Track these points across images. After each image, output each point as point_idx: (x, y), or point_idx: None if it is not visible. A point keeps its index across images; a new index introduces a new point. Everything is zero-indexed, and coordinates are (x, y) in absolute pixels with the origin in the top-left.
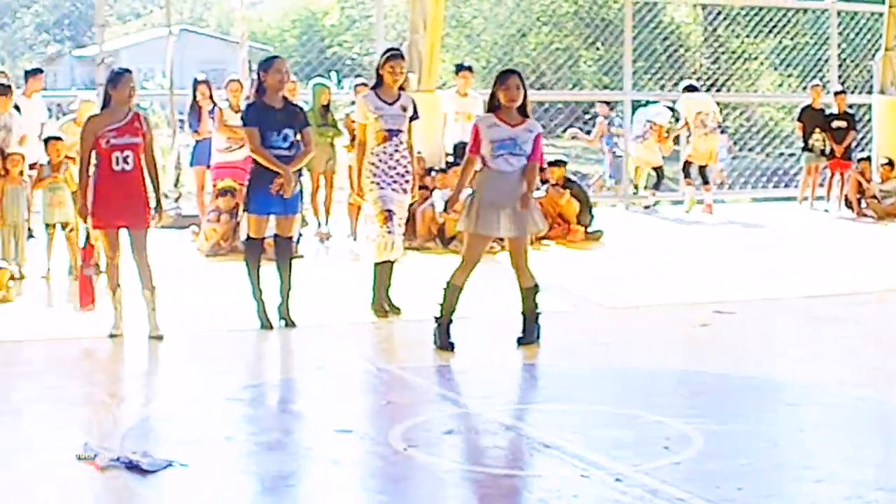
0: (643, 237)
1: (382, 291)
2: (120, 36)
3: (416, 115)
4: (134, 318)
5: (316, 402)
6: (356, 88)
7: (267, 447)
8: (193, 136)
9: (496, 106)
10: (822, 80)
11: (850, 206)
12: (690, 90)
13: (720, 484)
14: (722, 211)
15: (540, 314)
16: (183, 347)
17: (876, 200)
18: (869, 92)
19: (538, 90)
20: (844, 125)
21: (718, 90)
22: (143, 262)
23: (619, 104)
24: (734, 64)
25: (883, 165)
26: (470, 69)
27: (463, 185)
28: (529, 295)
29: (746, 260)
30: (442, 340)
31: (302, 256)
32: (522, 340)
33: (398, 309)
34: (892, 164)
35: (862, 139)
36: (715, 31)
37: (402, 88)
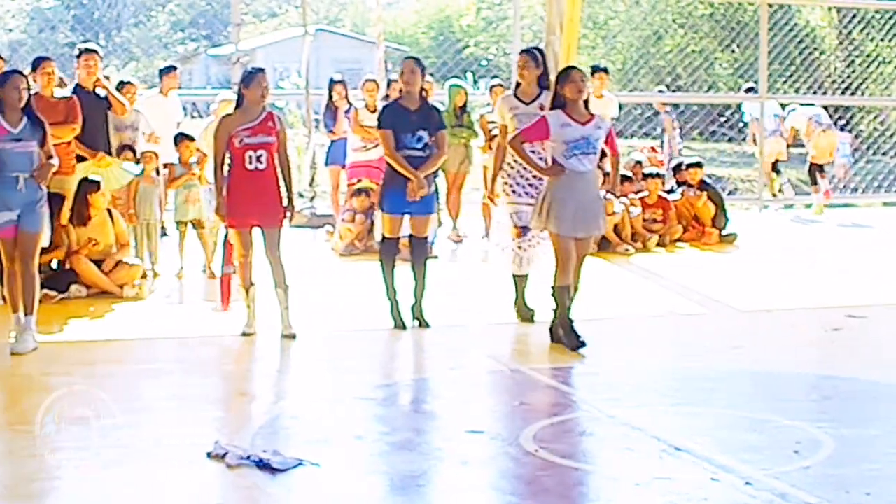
0: (777, 240)
1: (519, 298)
2: (255, 35)
3: None
4: (267, 316)
5: (447, 402)
6: (492, 89)
7: (398, 447)
8: (329, 135)
9: (562, 104)
10: None
11: None
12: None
13: (849, 489)
14: (855, 215)
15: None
16: (315, 346)
17: None
18: None
19: (673, 92)
20: None
21: (853, 93)
22: (276, 260)
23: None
24: (868, 67)
25: None
26: (606, 70)
27: (500, 160)
28: (573, 296)
29: (879, 264)
30: (572, 342)
31: (437, 257)
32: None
33: (532, 312)
34: None
35: None
36: (849, 34)
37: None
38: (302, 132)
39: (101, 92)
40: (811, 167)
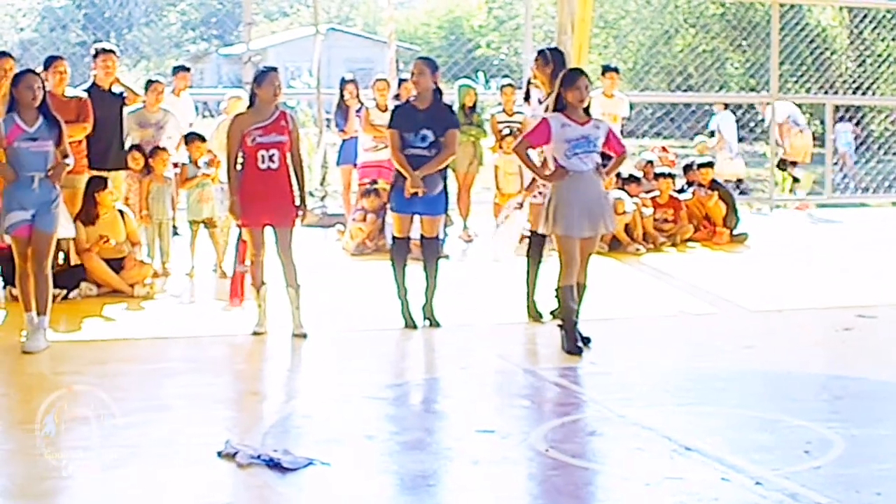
0: (788, 240)
1: (529, 297)
2: (267, 34)
3: None
4: (278, 315)
5: (458, 401)
6: (503, 89)
7: (408, 446)
8: (340, 135)
9: (562, 105)
10: None
11: None
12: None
13: (860, 489)
14: (866, 214)
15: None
16: (326, 346)
17: None
18: None
19: (684, 91)
20: None
21: (864, 93)
22: (288, 260)
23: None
24: (879, 67)
25: None
26: (616, 70)
27: (524, 156)
28: (581, 292)
29: (890, 264)
30: (570, 345)
31: (448, 257)
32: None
33: (539, 314)
34: None
35: None
36: (861, 34)
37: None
38: (313, 131)
39: (116, 89)
40: (781, 161)
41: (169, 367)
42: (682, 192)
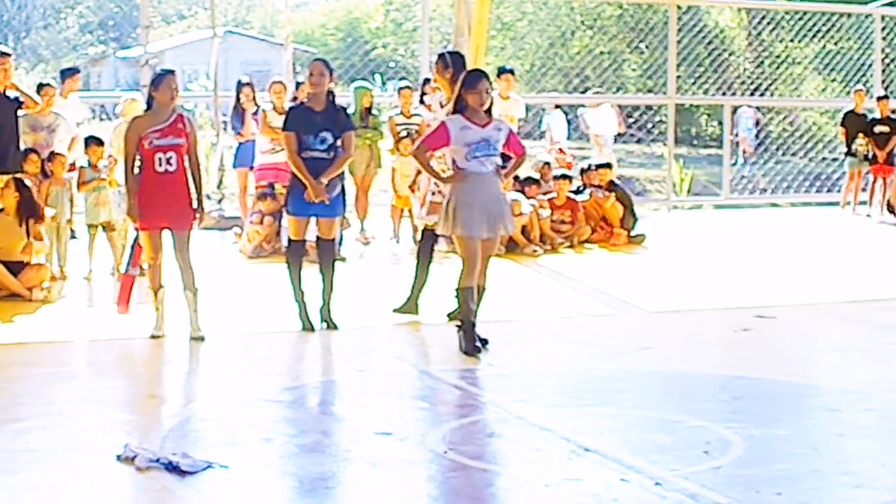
0: (685, 241)
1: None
2: (164, 37)
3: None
4: (176, 319)
5: (356, 404)
6: (400, 91)
7: (306, 449)
8: (236, 137)
9: (462, 107)
10: (865, 84)
11: (892, 210)
12: None
13: (759, 489)
14: (764, 215)
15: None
16: (224, 349)
17: None
18: None
19: (582, 93)
20: (887, 130)
21: (762, 94)
22: (185, 263)
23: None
24: (778, 68)
25: None
26: (511, 72)
27: (426, 163)
28: (479, 296)
29: (788, 264)
30: (468, 345)
31: (344, 259)
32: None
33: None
34: None
35: None
36: (759, 35)
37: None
38: (210, 134)
39: (10, 93)
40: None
41: (67, 370)
42: (579, 193)
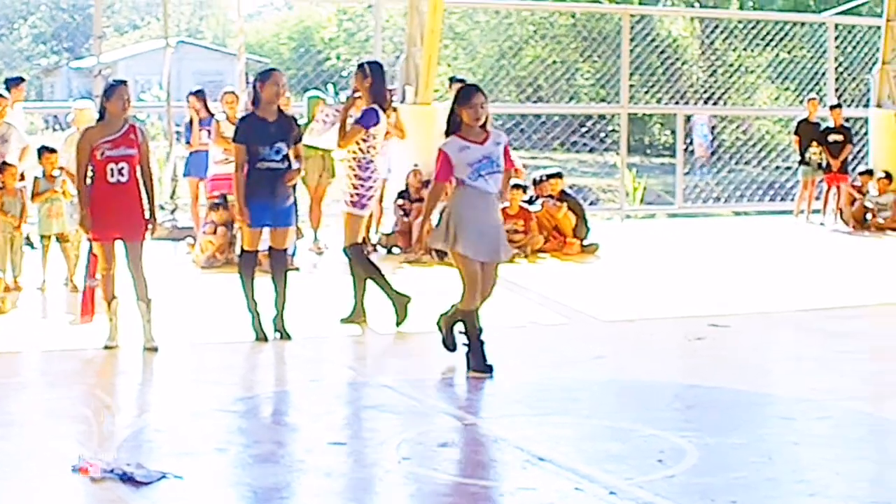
0: (638, 250)
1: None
2: (117, 47)
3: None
4: (129, 329)
5: (309, 414)
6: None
7: (260, 459)
8: (186, 147)
9: (457, 124)
10: (818, 93)
11: (844, 219)
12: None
13: (714, 497)
14: (717, 224)
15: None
16: (178, 359)
17: (871, 214)
18: (866, 105)
19: (535, 103)
20: (841, 139)
21: (715, 103)
22: (138, 273)
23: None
24: (731, 77)
25: (880, 179)
26: (462, 81)
27: (430, 213)
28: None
29: (742, 273)
30: (480, 364)
31: (298, 269)
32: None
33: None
34: (889, 177)
35: (858, 152)
36: (712, 44)
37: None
38: (163, 144)
39: None
40: None
41: (21, 381)
42: (531, 203)
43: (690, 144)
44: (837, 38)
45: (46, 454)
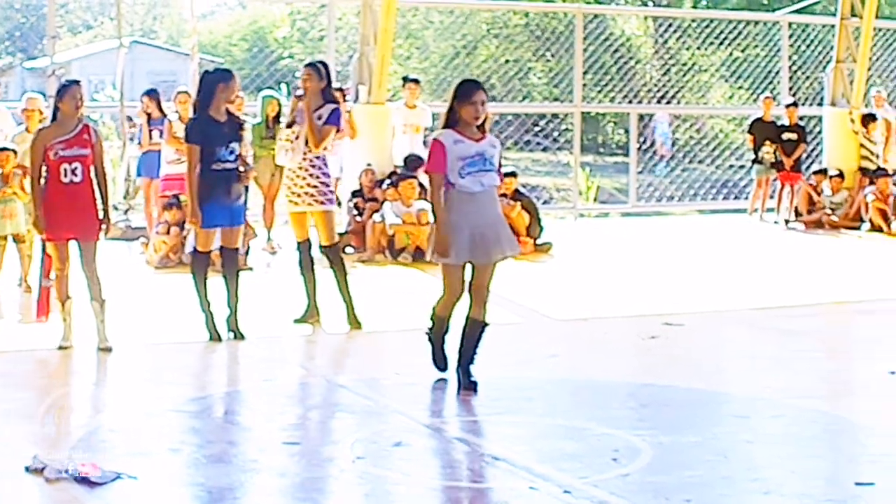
0: (592, 249)
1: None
2: (71, 48)
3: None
4: (83, 329)
5: (263, 414)
6: None
7: (214, 459)
8: (138, 148)
9: (454, 121)
10: (772, 92)
11: (799, 217)
12: None
13: (669, 496)
14: (671, 223)
15: (475, 357)
16: (131, 359)
17: (829, 213)
18: (819, 104)
19: (488, 102)
20: (795, 137)
21: (668, 102)
22: (92, 274)
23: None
24: (685, 76)
25: (833, 177)
26: (416, 81)
27: (442, 211)
28: (475, 331)
29: (696, 272)
30: (437, 359)
31: (251, 269)
32: (466, 386)
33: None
34: (842, 175)
35: (812, 151)
36: (665, 43)
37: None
38: (117, 144)
39: None
40: None
41: None
42: None
43: (652, 144)
44: (791, 36)
45: (0, 455)
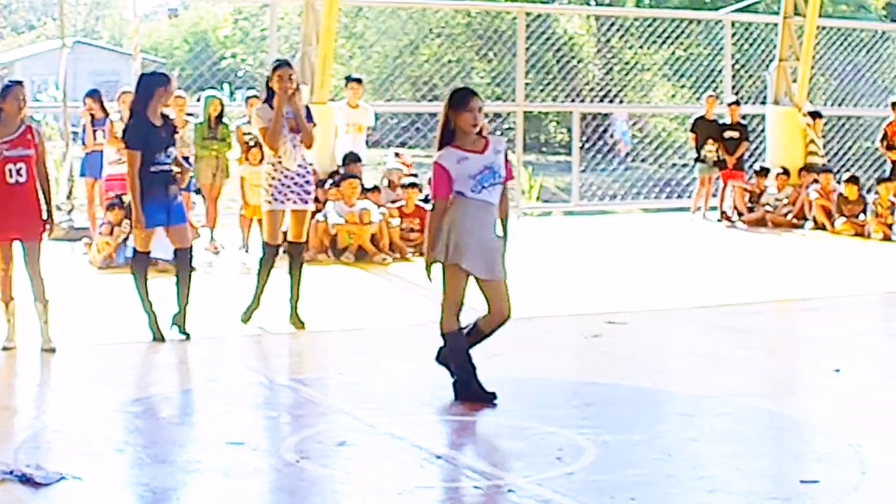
0: (535, 248)
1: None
2: (14, 48)
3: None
4: (26, 330)
5: (207, 414)
6: (248, 100)
7: (158, 459)
8: (82, 149)
9: (450, 134)
10: (715, 90)
11: (740, 217)
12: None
13: (614, 494)
14: (614, 221)
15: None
16: (75, 360)
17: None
18: (762, 102)
19: (430, 102)
20: (737, 136)
21: (611, 101)
22: (36, 274)
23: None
24: (627, 75)
25: (779, 175)
26: (359, 80)
27: (434, 233)
28: (498, 325)
29: (639, 270)
30: (476, 394)
31: (194, 269)
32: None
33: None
34: (787, 173)
35: (755, 149)
36: (608, 41)
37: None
38: (60, 145)
39: None
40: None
41: None
42: (428, 201)
43: (614, 144)
44: (734, 35)
45: None
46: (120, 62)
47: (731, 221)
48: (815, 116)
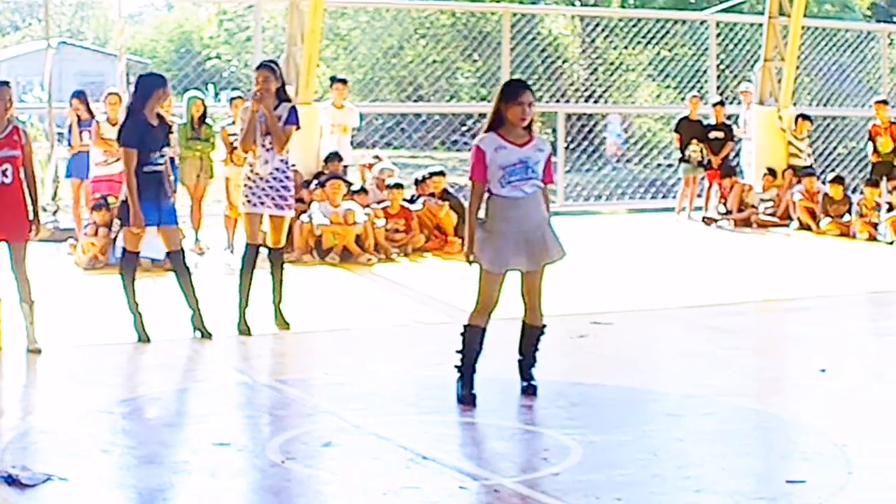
0: None
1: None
2: None
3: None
4: (12, 331)
5: (194, 415)
6: (232, 101)
7: (144, 460)
8: (68, 149)
9: (499, 122)
10: (700, 90)
11: (729, 214)
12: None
13: (599, 494)
14: (599, 222)
15: (535, 362)
16: (61, 361)
17: (756, 210)
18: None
19: (415, 102)
20: (722, 136)
21: (596, 101)
22: (21, 275)
23: None
24: (612, 75)
25: (764, 175)
26: (343, 81)
27: (474, 220)
28: (533, 336)
29: (625, 271)
30: (464, 392)
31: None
32: (524, 390)
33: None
34: (773, 173)
35: (740, 150)
36: (593, 42)
37: (285, 99)
38: (45, 146)
39: None
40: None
41: None
42: (413, 202)
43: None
44: (719, 35)
45: None
46: (105, 63)
47: (714, 221)
48: (801, 119)
